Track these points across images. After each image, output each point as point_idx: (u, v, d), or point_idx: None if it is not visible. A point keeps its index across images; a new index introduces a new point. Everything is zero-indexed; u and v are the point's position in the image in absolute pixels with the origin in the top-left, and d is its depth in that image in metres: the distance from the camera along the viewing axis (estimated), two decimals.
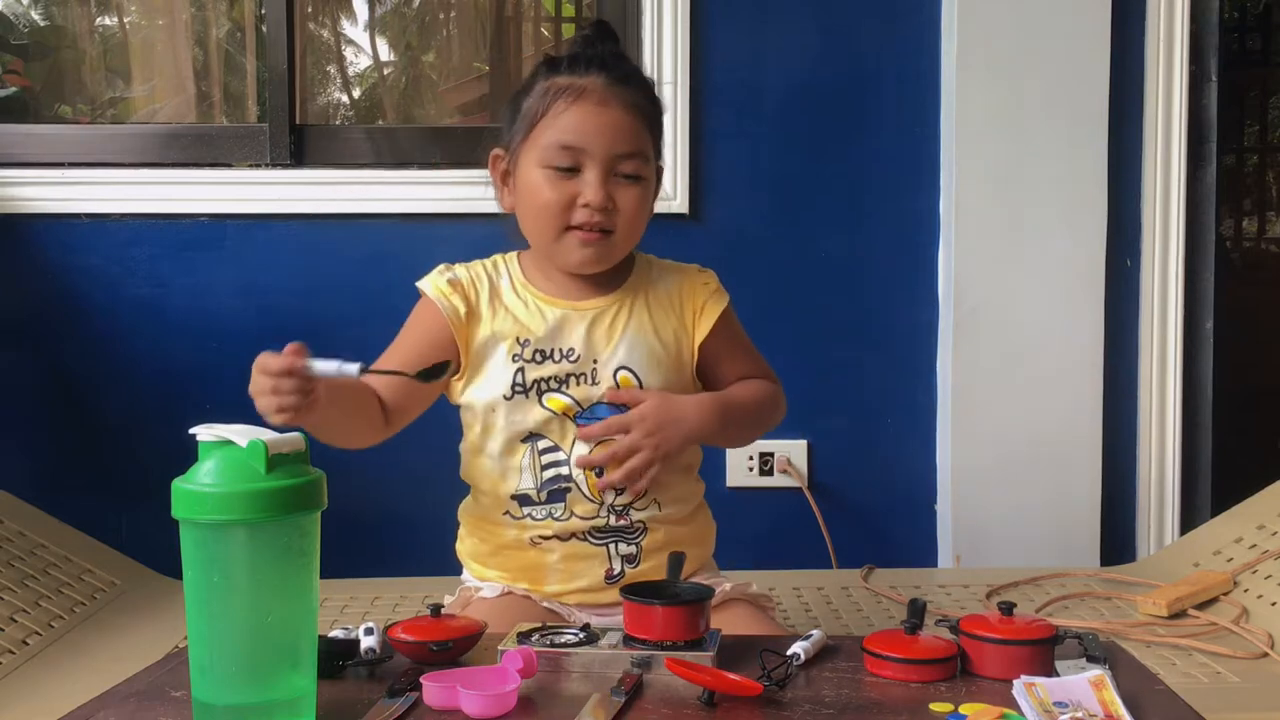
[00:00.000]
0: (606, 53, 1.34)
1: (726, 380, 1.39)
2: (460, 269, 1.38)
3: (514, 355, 1.32)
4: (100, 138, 2.39)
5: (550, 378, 1.31)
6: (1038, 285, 2.26)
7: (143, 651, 1.51)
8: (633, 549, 1.33)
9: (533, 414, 1.31)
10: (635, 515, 1.32)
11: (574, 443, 1.31)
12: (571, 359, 1.32)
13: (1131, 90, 2.30)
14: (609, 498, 1.31)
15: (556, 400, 1.31)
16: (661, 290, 1.38)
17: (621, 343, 1.33)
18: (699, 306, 1.38)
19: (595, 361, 1.32)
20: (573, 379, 1.31)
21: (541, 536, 1.32)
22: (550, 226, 1.31)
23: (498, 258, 1.40)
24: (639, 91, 1.33)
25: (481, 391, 1.33)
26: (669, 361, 1.35)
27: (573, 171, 1.29)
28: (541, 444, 1.31)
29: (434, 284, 1.35)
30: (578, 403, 1.31)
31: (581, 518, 1.31)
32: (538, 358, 1.32)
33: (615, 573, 1.33)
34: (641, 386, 1.32)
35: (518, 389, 1.31)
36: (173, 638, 1.68)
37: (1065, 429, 2.27)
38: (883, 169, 2.31)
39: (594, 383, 1.31)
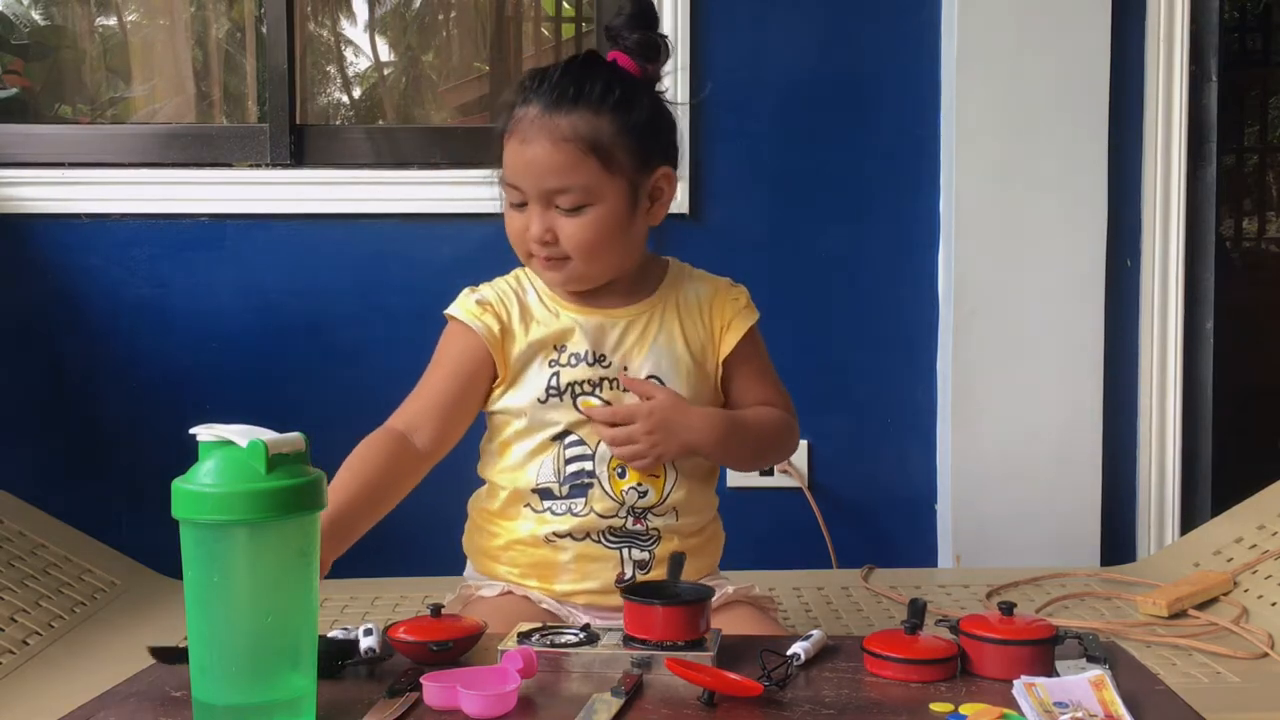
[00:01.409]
0: (562, 72, 1.29)
1: (742, 401, 1.39)
2: (485, 289, 1.39)
3: (550, 361, 1.33)
4: (100, 138, 2.39)
5: (584, 380, 1.32)
6: (1038, 285, 2.26)
7: (143, 651, 1.50)
8: (645, 555, 1.33)
9: (566, 415, 1.32)
10: (652, 521, 1.33)
11: (600, 440, 1.32)
12: (604, 365, 1.33)
13: (1131, 90, 2.30)
14: (630, 498, 1.32)
15: (591, 403, 1.32)
16: (693, 301, 1.39)
17: (651, 351, 1.34)
18: (727, 321, 1.38)
19: (625, 369, 1.33)
20: (605, 383, 1.33)
21: (556, 534, 1.32)
22: (520, 254, 1.35)
23: (518, 273, 1.41)
24: (582, 117, 1.26)
25: (516, 398, 1.34)
26: (696, 372, 1.36)
27: (523, 205, 1.31)
28: (569, 439, 1.32)
29: (464, 308, 1.36)
30: (609, 405, 1.32)
31: (600, 515, 1.31)
32: (572, 361, 1.33)
33: (626, 577, 1.33)
34: None
35: (552, 392, 1.32)
36: (173, 638, 1.66)
37: (1065, 429, 2.27)
38: (883, 169, 2.31)
39: (624, 389, 1.33)
